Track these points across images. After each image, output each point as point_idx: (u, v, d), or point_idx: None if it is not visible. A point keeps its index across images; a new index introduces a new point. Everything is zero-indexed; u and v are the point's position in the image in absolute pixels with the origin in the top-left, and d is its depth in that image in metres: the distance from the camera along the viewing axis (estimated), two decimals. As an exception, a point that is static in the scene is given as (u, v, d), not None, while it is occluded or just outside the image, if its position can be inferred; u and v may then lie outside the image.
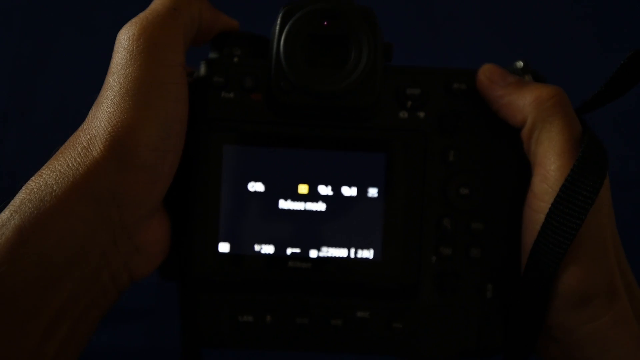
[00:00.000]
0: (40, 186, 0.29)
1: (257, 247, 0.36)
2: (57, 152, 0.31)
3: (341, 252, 0.36)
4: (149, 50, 0.31)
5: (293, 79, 0.34)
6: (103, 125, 0.30)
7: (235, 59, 0.35)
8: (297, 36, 0.34)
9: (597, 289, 0.32)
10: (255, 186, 0.35)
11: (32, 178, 0.30)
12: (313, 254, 0.35)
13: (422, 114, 0.35)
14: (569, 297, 0.32)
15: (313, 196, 0.35)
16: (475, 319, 0.36)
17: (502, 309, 0.36)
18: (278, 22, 0.34)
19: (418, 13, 0.70)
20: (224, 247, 0.35)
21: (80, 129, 0.31)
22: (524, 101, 0.33)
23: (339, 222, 0.35)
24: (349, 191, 0.35)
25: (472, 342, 0.36)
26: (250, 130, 0.35)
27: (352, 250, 0.36)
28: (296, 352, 0.36)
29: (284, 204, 0.35)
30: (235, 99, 0.35)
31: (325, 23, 0.34)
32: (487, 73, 0.34)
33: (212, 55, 0.37)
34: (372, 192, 0.35)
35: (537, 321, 0.33)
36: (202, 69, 0.35)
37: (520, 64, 0.36)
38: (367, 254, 0.36)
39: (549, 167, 0.32)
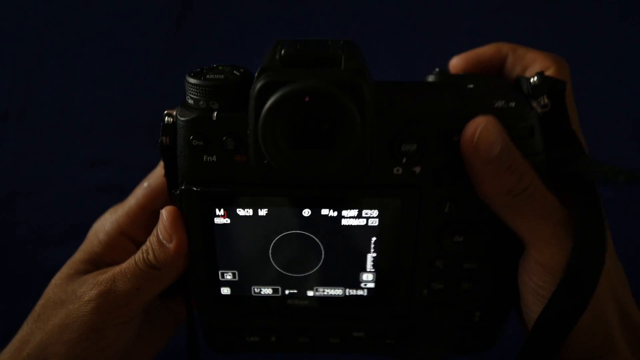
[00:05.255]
0: None
1: (256, 289, 0.37)
2: None
3: (336, 292, 0.37)
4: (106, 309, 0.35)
5: (274, 163, 0.30)
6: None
7: (214, 115, 0.32)
8: (276, 120, 0.29)
9: (597, 341, 0.32)
10: (250, 240, 0.35)
11: None
12: (310, 293, 0.37)
13: (417, 169, 0.33)
14: (573, 353, 0.33)
15: (307, 247, 0.36)
16: (461, 334, 0.39)
17: (487, 329, 0.39)
18: (253, 100, 0.30)
19: (419, 20, 0.70)
20: (225, 291, 0.37)
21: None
22: (492, 190, 0.32)
23: (334, 268, 0.37)
24: (343, 242, 0.35)
25: (460, 347, 0.40)
26: (238, 192, 0.34)
27: (347, 290, 0.37)
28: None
29: (280, 255, 0.36)
30: (219, 162, 0.33)
31: (307, 99, 0.29)
32: (469, 137, 0.31)
33: (189, 99, 0.33)
34: (366, 242, 0.36)
35: None
36: (181, 127, 0.32)
37: (534, 79, 0.34)
38: (361, 292, 0.37)
39: (543, 253, 0.32)
